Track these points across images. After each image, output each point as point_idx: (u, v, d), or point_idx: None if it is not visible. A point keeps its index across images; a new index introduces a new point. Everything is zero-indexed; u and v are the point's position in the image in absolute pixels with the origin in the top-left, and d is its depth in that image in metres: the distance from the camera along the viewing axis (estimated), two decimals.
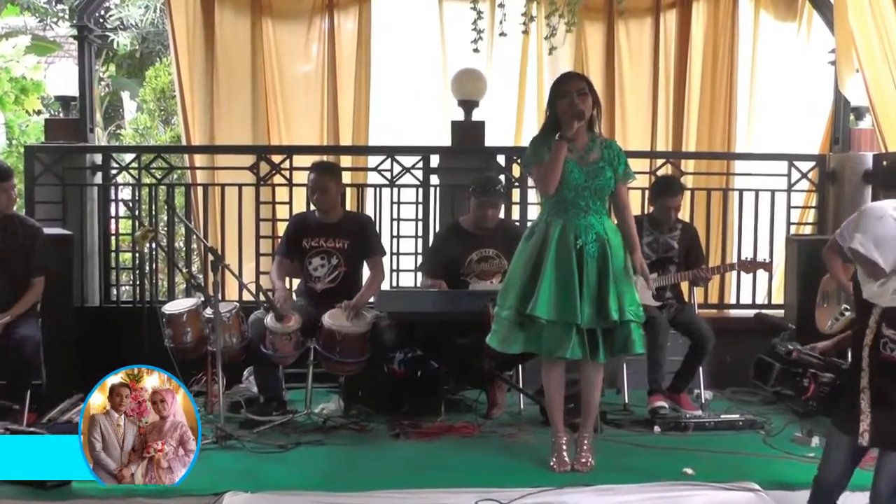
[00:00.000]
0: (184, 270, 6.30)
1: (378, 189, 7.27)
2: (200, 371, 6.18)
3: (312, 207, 6.30)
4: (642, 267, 4.95)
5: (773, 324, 5.95)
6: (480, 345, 5.18)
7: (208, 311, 5.91)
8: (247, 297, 5.94)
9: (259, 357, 5.90)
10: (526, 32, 7.55)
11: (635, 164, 6.42)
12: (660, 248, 6.39)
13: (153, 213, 7.38)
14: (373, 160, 7.45)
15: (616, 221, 5.04)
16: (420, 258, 7.08)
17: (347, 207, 7.24)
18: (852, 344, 3.84)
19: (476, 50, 7.07)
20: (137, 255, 7.24)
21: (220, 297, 5.77)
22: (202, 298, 6.02)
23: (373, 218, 6.90)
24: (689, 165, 7.86)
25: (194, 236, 7.43)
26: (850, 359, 3.92)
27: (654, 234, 6.40)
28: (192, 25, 7.87)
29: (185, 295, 7.38)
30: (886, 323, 3.64)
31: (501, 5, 7.09)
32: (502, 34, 7.28)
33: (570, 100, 4.85)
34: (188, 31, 7.87)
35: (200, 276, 7.09)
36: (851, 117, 7.57)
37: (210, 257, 5.60)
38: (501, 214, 6.59)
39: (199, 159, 7.89)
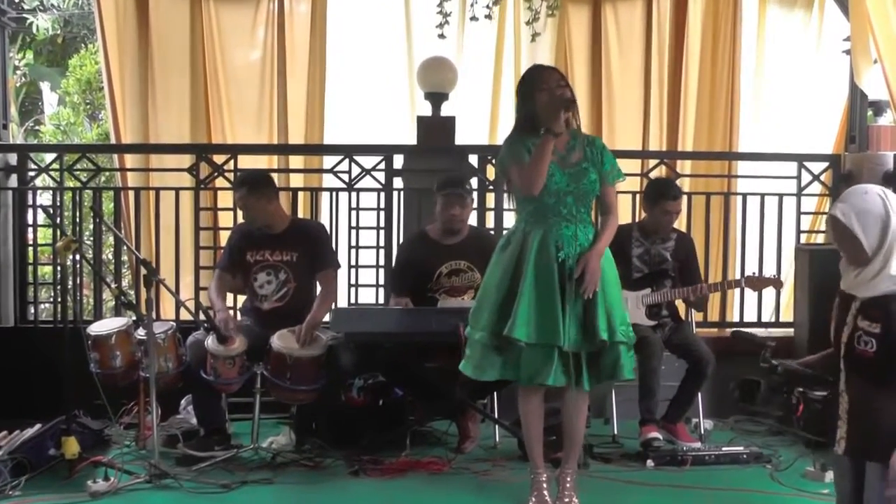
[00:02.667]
0: (112, 286, 6.30)
1: (334, 193, 7.30)
2: (132, 400, 6.18)
3: None
4: (587, 268, 4.77)
5: (753, 343, 6.01)
6: (450, 370, 5.19)
7: (140, 332, 5.91)
8: (185, 316, 5.95)
9: (199, 384, 5.90)
10: (489, 17, 7.59)
11: (625, 166, 6.47)
12: (652, 261, 6.45)
13: (77, 220, 7.37)
14: (328, 161, 7.49)
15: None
16: (382, 272, 7.11)
17: (300, 214, 7.28)
18: (833, 347, 3.92)
19: (442, 36, 7.13)
20: (59, 268, 7.23)
21: (153, 316, 5.77)
22: (133, 318, 6.02)
23: (328, 226, 6.93)
24: (685, 167, 7.94)
25: (124, 247, 7.42)
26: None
27: (646, 245, 6.45)
28: (122, 7, 7.85)
29: (113, 314, 7.37)
30: (862, 314, 3.72)
31: None
32: (473, 18, 7.33)
33: (551, 91, 4.89)
34: (118, 14, 7.85)
35: (131, 293, 7.09)
36: (869, 113, 7.64)
37: (142, 271, 5.61)
38: (474, 221, 6.64)
39: (131, 160, 7.88)
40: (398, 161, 7.30)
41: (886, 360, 3.64)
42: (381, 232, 7.26)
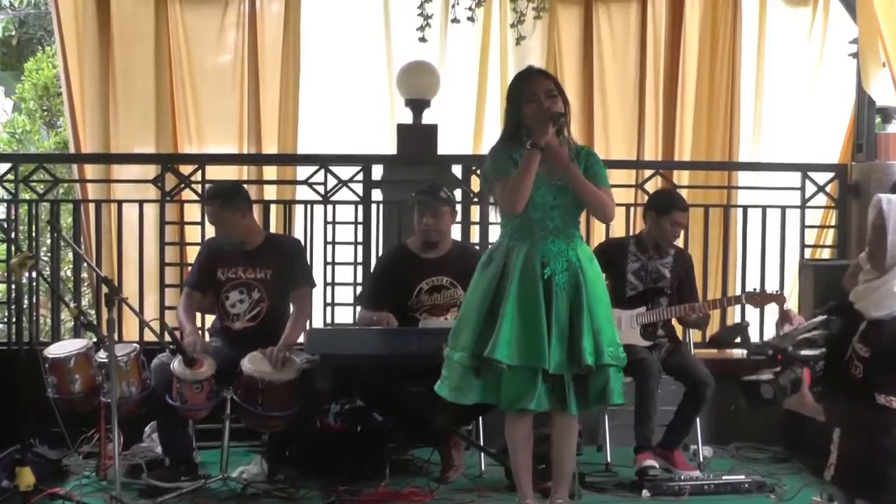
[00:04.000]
0: (71, 305, 6.28)
1: (309, 206, 7.31)
2: (92, 427, 6.17)
3: None
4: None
5: (733, 334, 6.05)
6: (433, 394, 5.20)
7: (101, 355, 5.90)
8: (149, 337, 5.94)
9: (164, 410, 5.89)
10: (472, 20, 7.61)
11: (619, 177, 6.55)
12: (649, 277, 6.47)
13: (33, 235, 7.35)
14: (303, 171, 7.50)
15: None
16: (360, 290, 7.11)
17: (272, 228, 7.28)
18: (830, 365, 3.94)
19: (423, 39, 7.15)
20: (13, 286, 7.21)
21: (115, 337, 5.76)
22: (94, 339, 6.00)
23: (302, 241, 6.94)
24: (682, 178, 7.97)
25: (84, 264, 7.42)
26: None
27: (643, 260, 6.48)
28: (81, 7, 7.84)
29: (72, 335, 7.33)
30: (860, 337, 3.76)
31: None
32: (454, 20, 7.36)
33: (539, 102, 4.92)
34: (77, 14, 7.85)
35: (92, 313, 7.08)
36: (878, 120, 7.66)
37: (104, 289, 5.61)
38: (458, 235, 6.65)
39: (91, 170, 7.88)
40: (377, 172, 7.31)
41: (870, 385, 3.68)
42: (359, 247, 7.26)
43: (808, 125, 8.34)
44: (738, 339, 4.48)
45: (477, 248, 6.95)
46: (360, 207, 7.27)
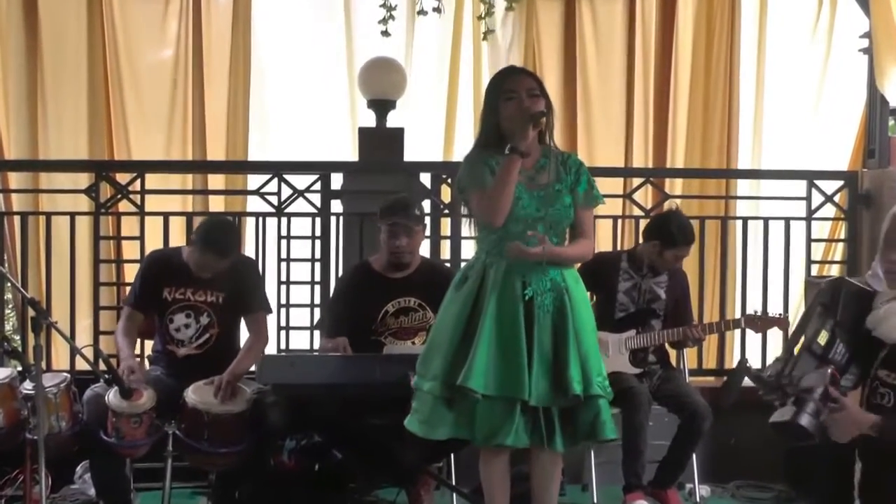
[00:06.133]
0: None
1: (261, 219, 7.30)
2: (16, 467, 6.12)
3: (178, 244, 6.29)
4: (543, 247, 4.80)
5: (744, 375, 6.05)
6: (399, 428, 5.19)
7: (27, 386, 5.85)
8: (81, 365, 5.90)
9: (98, 447, 5.84)
10: (438, 10, 7.63)
11: (605, 186, 6.53)
12: (641, 297, 6.48)
13: None
14: (254, 180, 7.49)
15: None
16: (317, 312, 7.10)
17: None
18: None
19: (386, 33, 7.15)
20: None
21: (43, 366, 5.73)
22: (19, 368, 5.97)
23: (253, 258, 6.92)
24: (675, 187, 8.01)
25: (8, 284, 7.37)
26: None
27: (636, 279, 6.49)
28: None
29: None
30: (883, 363, 3.76)
31: None
32: (421, 12, 7.37)
33: (519, 101, 4.91)
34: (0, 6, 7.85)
35: (17, 338, 7.03)
36: (891, 122, 7.73)
37: (30, 312, 5.57)
38: (427, 252, 6.65)
39: (16, 179, 7.84)
40: (336, 181, 7.31)
41: None
42: (317, 264, 7.25)
43: (814, 128, 8.38)
44: (745, 379, 4.40)
45: (448, 265, 6.95)
46: (318, 220, 7.25)
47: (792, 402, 3.74)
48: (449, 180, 7.00)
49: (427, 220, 6.63)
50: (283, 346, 7.23)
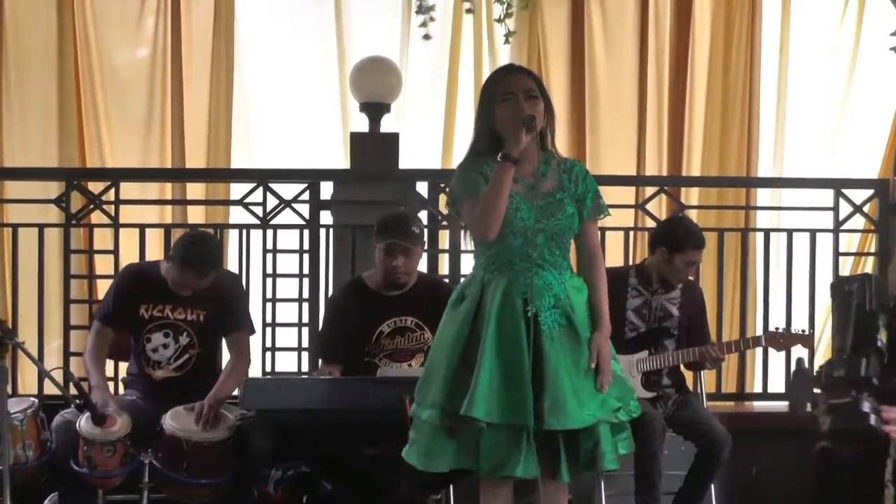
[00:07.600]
0: None
1: (244, 231, 7.28)
2: None
3: (155, 258, 6.27)
4: (601, 359, 4.82)
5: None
6: (394, 456, 5.17)
7: None
8: (50, 389, 5.88)
9: (68, 478, 5.82)
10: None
11: (616, 196, 6.53)
12: (653, 316, 6.46)
13: None
14: (237, 189, 7.49)
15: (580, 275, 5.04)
16: (305, 331, 7.08)
17: None
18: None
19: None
20: None
21: (9, 390, 5.72)
22: None
23: (238, 274, 6.91)
24: (691, 196, 8.01)
25: None
26: None
27: (646, 295, 6.47)
28: None
29: None
30: None
31: None
32: (420, 10, 7.38)
33: (515, 103, 4.88)
34: None
35: None
36: None
37: None
38: (424, 267, 6.63)
39: None
40: (326, 190, 7.29)
41: None
42: (305, 280, 7.23)
43: (841, 132, 8.41)
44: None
45: (446, 281, 6.93)
46: (307, 232, 7.24)
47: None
48: (447, 189, 6.96)
49: (424, 232, 6.62)
50: (268, 369, 7.21)
